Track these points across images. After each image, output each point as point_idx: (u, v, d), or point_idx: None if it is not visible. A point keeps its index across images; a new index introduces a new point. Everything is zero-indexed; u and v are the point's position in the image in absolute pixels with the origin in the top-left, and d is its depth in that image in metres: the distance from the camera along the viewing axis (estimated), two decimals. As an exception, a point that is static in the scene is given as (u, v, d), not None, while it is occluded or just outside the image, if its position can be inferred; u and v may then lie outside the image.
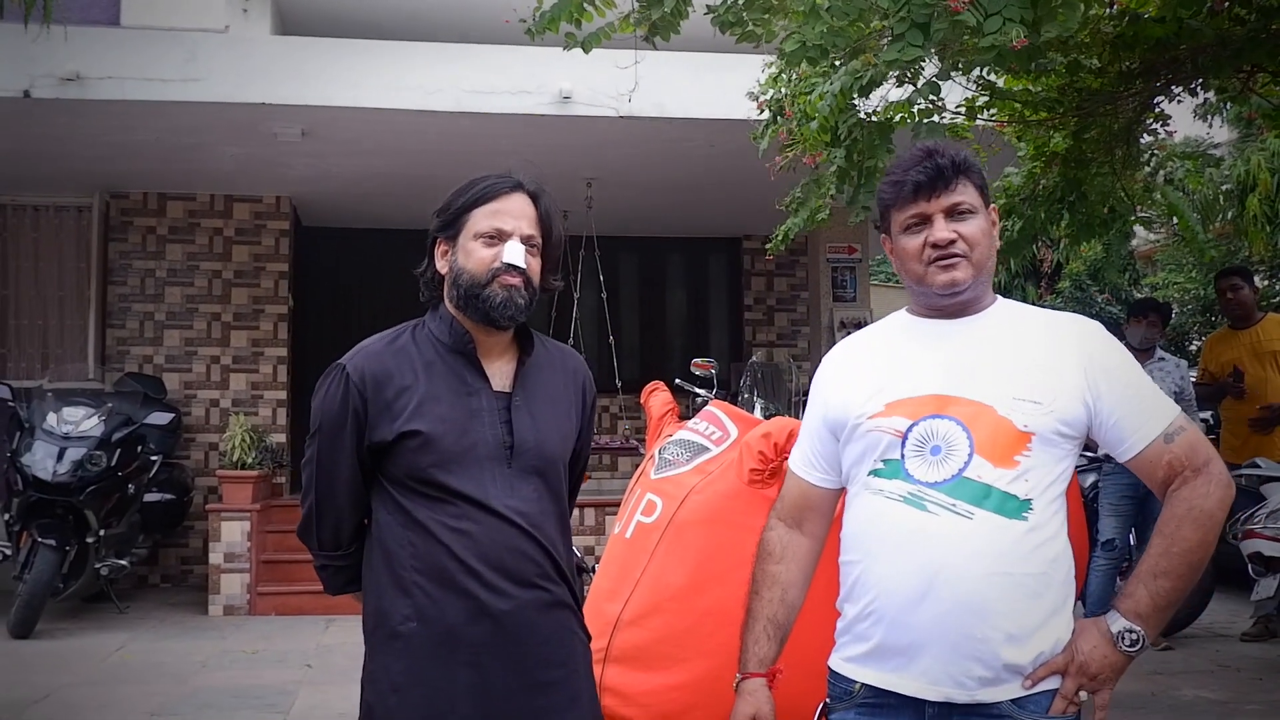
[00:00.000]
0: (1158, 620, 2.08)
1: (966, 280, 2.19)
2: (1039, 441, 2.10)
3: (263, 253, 10.24)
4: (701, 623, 3.34)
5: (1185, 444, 2.13)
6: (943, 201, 2.19)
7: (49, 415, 7.81)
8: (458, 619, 2.30)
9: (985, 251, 2.21)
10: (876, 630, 2.15)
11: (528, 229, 2.42)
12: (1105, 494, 6.94)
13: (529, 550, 2.36)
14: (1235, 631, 7.41)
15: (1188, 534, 2.07)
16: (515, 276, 2.37)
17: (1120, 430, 2.14)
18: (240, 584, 8.57)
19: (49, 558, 7.40)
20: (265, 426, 9.85)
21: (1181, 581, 2.07)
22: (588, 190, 9.60)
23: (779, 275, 12.10)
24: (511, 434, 2.39)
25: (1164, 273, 17.57)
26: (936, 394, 2.17)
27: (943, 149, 2.22)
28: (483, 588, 2.30)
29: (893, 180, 2.25)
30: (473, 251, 2.39)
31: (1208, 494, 2.09)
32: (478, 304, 2.37)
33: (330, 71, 7.78)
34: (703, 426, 3.78)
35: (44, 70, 7.33)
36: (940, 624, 2.06)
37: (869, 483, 2.21)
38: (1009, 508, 2.07)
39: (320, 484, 2.43)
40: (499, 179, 2.44)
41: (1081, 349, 2.18)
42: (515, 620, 2.33)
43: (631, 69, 6.00)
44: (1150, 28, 4.84)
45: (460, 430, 2.35)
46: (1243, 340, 7.46)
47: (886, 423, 2.19)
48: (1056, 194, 6.43)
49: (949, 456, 2.11)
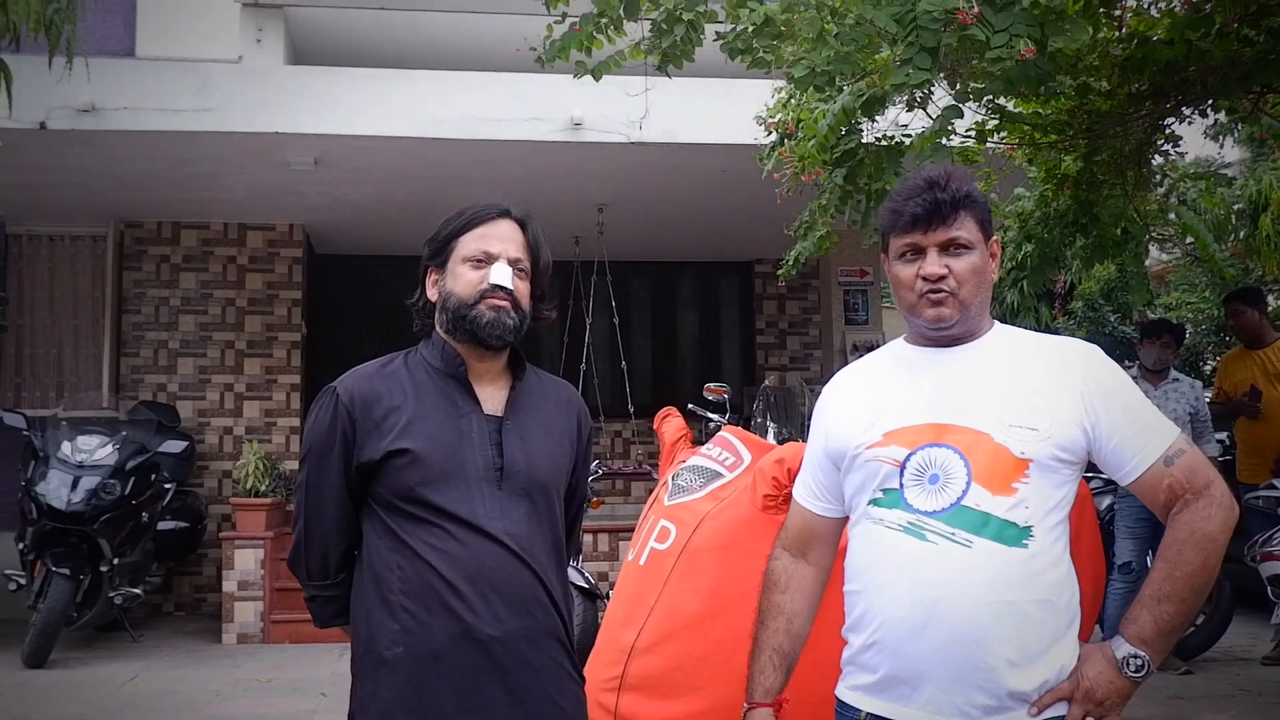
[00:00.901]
0: (1163, 645, 2.07)
1: (952, 317, 2.20)
2: (1037, 468, 2.10)
3: (276, 280, 10.28)
4: (717, 649, 3.33)
5: (1185, 466, 2.12)
6: (938, 236, 2.20)
7: (63, 444, 7.83)
8: (444, 642, 2.29)
9: (975, 288, 2.21)
10: (881, 660, 2.14)
11: (515, 252, 2.44)
12: (1121, 517, 6.91)
13: (519, 573, 2.35)
14: (1256, 655, 7.36)
15: (1190, 557, 2.07)
16: (502, 298, 2.39)
17: (1120, 454, 2.14)
18: (254, 612, 8.57)
19: (63, 587, 7.40)
20: (278, 454, 9.87)
21: (1185, 605, 2.06)
22: (599, 216, 9.63)
23: (791, 299, 12.09)
24: (501, 455, 2.39)
25: (1177, 292, 17.54)
26: (934, 423, 2.17)
27: (945, 180, 2.21)
28: (469, 610, 2.29)
29: (891, 208, 2.26)
30: (461, 274, 2.42)
31: (1209, 516, 2.08)
32: (466, 324, 2.39)
33: (343, 100, 7.83)
34: (716, 452, 3.78)
35: (60, 102, 7.39)
36: (942, 653, 2.06)
37: (869, 512, 2.21)
38: (1008, 535, 2.07)
39: (309, 508, 2.43)
40: (486, 206, 2.48)
41: (1079, 374, 2.18)
42: (504, 648, 2.31)
43: (642, 96, 6.03)
44: (1159, 50, 4.85)
45: (449, 449, 2.35)
46: (1256, 361, 7.43)
47: (885, 452, 2.19)
48: (1069, 216, 6.43)
49: (947, 485, 2.11)
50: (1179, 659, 6.92)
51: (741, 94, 7.37)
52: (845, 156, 5.30)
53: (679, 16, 4.55)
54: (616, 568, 8.55)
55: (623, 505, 10.85)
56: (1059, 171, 6.22)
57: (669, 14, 4.58)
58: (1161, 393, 6.95)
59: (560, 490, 2.51)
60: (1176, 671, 6.81)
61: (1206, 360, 16.32)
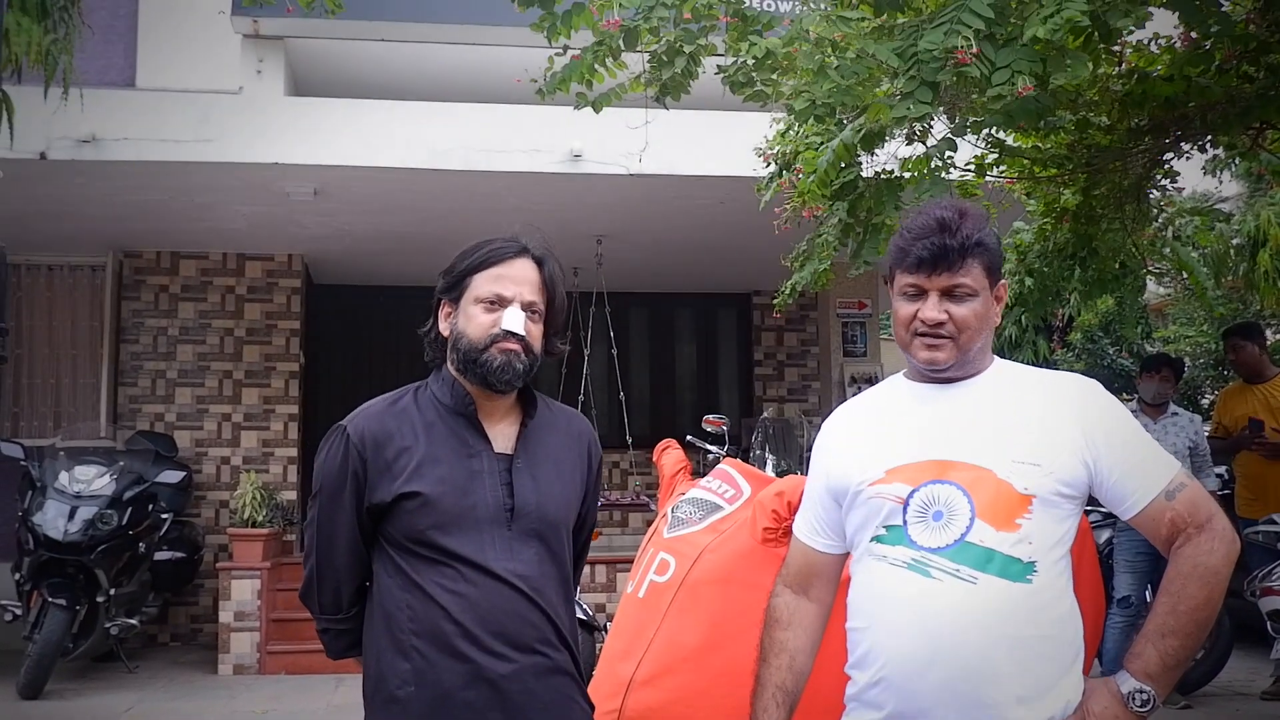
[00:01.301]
0: (1167, 679, 2.07)
1: (948, 361, 2.20)
2: (1040, 503, 2.10)
3: (274, 310, 10.28)
4: (716, 683, 3.31)
5: (1187, 500, 2.12)
6: (941, 281, 2.19)
7: (60, 474, 7.81)
8: (454, 683, 2.27)
9: (975, 334, 2.21)
10: (886, 697, 2.14)
11: (530, 295, 2.41)
12: (1120, 550, 6.89)
13: (528, 614, 2.33)
14: (1255, 689, 7.32)
15: (1194, 591, 2.06)
16: (514, 342, 2.36)
17: (1122, 489, 2.14)
18: (250, 643, 8.52)
19: (59, 617, 7.37)
20: (276, 484, 9.84)
21: (1189, 640, 2.06)
22: (598, 247, 9.65)
23: (789, 330, 12.10)
24: (512, 496, 2.37)
25: (1175, 326, 17.55)
26: (936, 459, 2.17)
27: (955, 223, 2.20)
28: (480, 651, 2.28)
29: (899, 246, 2.26)
30: (473, 316, 2.39)
31: (1212, 550, 2.08)
32: (476, 368, 2.37)
33: (343, 131, 7.85)
34: (715, 485, 3.76)
35: (60, 132, 7.41)
36: (948, 689, 2.05)
37: (872, 549, 2.20)
38: (1013, 571, 2.07)
39: (321, 546, 2.41)
40: (504, 243, 2.44)
41: (1080, 409, 2.18)
42: (513, 685, 2.29)
43: (642, 128, 6.05)
44: (1159, 86, 4.87)
45: (460, 492, 2.33)
46: (1256, 395, 7.42)
47: (888, 489, 2.19)
48: (1068, 250, 6.45)
49: (950, 522, 2.11)
50: (1179, 694, 6.88)
51: (740, 127, 7.40)
52: (845, 189, 5.31)
53: (679, 49, 4.57)
54: (614, 599, 8.51)
55: (620, 536, 10.82)
56: (1058, 205, 6.23)
57: (669, 46, 4.60)
58: (1160, 427, 6.94)
59: (570, 525, 2.50)
60: (1176, 706, 6.78)
61: (1205, 394, 16.31)
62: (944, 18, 3.57)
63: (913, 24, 3.87)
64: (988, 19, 3.53)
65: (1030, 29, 3.47)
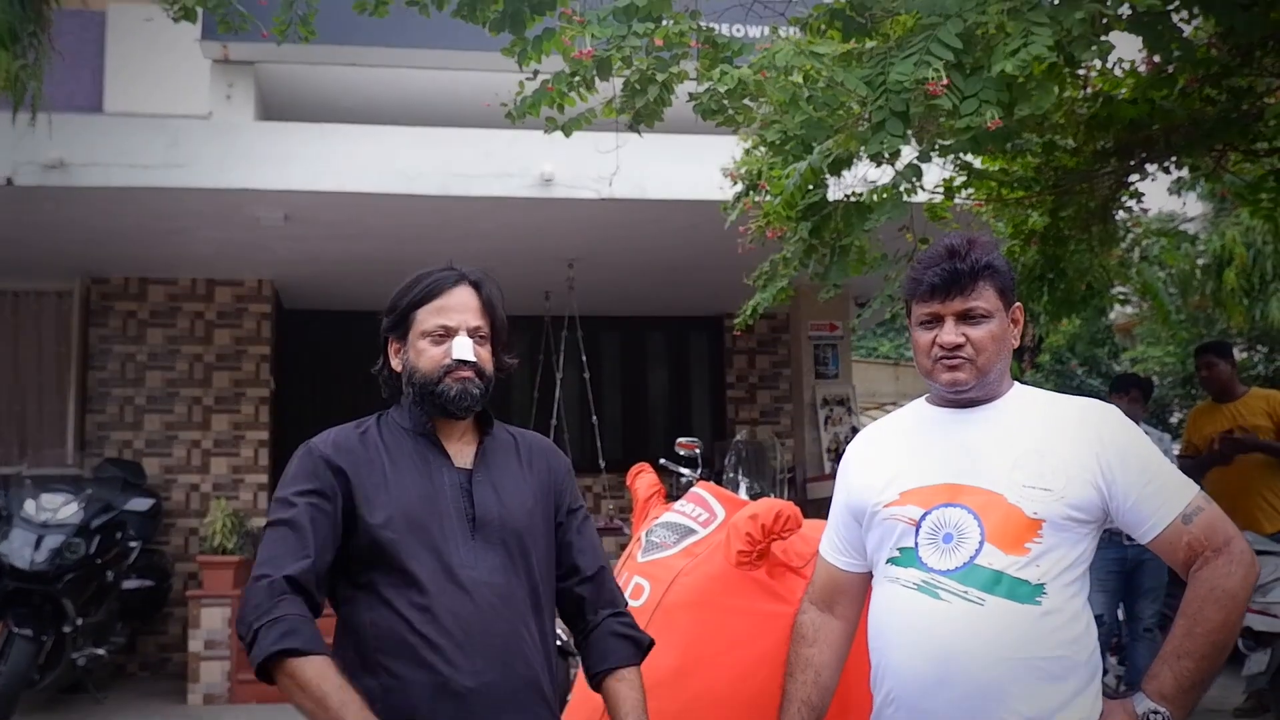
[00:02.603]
0: (1184, 701, 2.09)
1: (969, 382, 2.23)
2: (1050, 527, 2.12)
3: (244, 336, 10.23)
4: (691, 707, 3.30)
5: (1204, 524, 2.15)
6: (955, 305, 2.24)
7: (27, 502, 7.72)
8: (423, 698, 2.27)
9: (994, 355, 2.25)
10: (899, 716, 2.19)
11: (474, 320, 2.46)
12: (1092, 569, 6.91)
13: (494, 623, 2.33)
14: (1228, 707, 7.36)
15: (1211, 614, 2.09)
16: (466, 370, 2.42)
17: (1138, 513, 2.17)
18: (220, 672, 8.45)
19: (25, 648, 7.27)
20: (246, 510, 9.76)
21: (1206, 662, 2.09)
22: (570, 271, 9.64)
23: (761, 353, 12.12)
24: (473, 505, 2.40)
25: (1142, 346, 17.71)
26: (949, 483, 2.20)
27: (965, 250, 2.26)
28: (445, 662, 2.27)
29: (912, 276, 2.32)
30: (423, 350, 2.44)
31: (1229, 574, 2.10)
32: (434, 399, 2.42)
33: (313, 156, 7.84)
34: (689, 508, 3.76)
35: (27, 157, 7.36)
36: (956, 710, 2.08)
37: (886, 570, 2.25)
38: (1021, 593, 2.09)
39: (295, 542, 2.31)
40: (439, 275, 2.49)
41: (1094, 434, 2.21)
42: (482, 702, 2.28)
43: (613, 153, 6.07)
44: (1124, 108, 4.94)
45: (423, 504, 2.37)
46: (1225, 414, 7.46)
47: (901, 511, 2.23)
48: (1035, 271, 6.49)
49: (960, 544, 2.14)
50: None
51: (711, 150, 7.43)
52: (810, 210, 5.35)
53: (651, 77, 4.59)
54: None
55: (594, 561, 10.77)
56: (1026, 227, 6.29)
57: (641, 74, 4.63)
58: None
59: (539, 537, 2.49)
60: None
61: (1173, 413, 16.45)
62: (913, 49, 3.60)
63: (881, 51, 3.90)
64: (956, 50, 3.56)
65: (998, 63, 3.51)
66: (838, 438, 10.34)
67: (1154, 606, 6.78)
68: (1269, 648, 6.29)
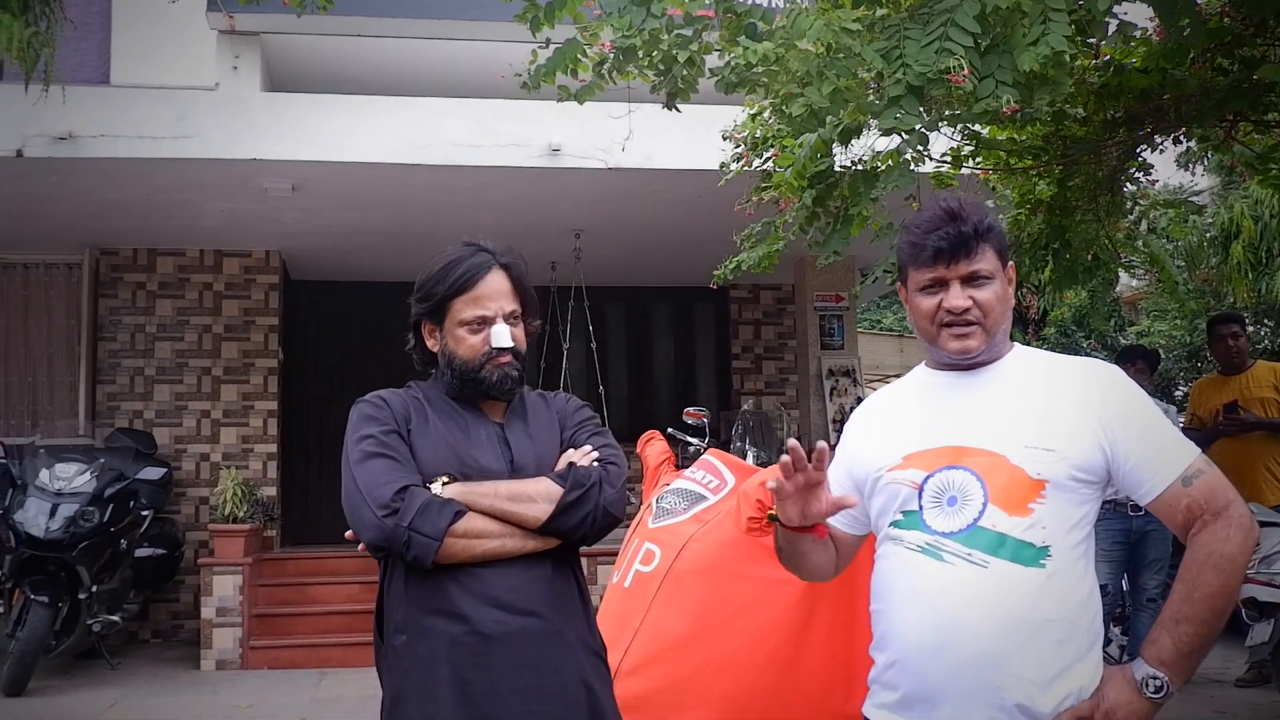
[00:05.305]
0: (1182, 666, 2.07)
1: (979, 348, 2.22)
2: (1054, 488, 2.11)
3: (252, 307, 10.26)
4: (702, 671, 3.35)
5: (1204, 487, 2.13)
6: (961, 269, 2.22)
7: (41, 472, 7.78)
8: (445, 629, 2.35)
9: (999, 316, 2.24)
10: (901, 678, 2.17)
11: (509, 305, 2.53)
12: (1096, 539, 6.87)
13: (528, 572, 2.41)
14: (1230, 677, 7.40)
15: (1208, 579, 2.07)
16: (505, 355, 2.50)
17: (1139, 474, 2.15)
18: (232, 638, 8.52)
19: (41, 615, 7.35)
20: (256, 480, 9.82)
21: (1205, 627, 2.07)
22: (576, 241, 9.67)
23: (766, 324, 12.14)
24: (511, 450, 2.50)
25: (1148, 320, 17.67)
26: (952, 445, 2.20)
27: (966, 213, 2.23)
28: (480, 606, 2.35)
29: (911, 241, 2.28)
30: (462, 339, 2.51)
31: (1228, 538, 2.08)
32: (476, 385, 2.51)
33: (320, 127, 7.84)
34: (700, 475, 3.80)
35: (36, 130, 7.38)
36: (959, 672, 2.07)
37: (890, 533, 2.25)
38: (1025, 555, 2.09)
39: (393, 470, 2.39)
40: (471, 262, 2.52)
41: (1097, 394, 2.19)
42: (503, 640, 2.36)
43: (623, 119, 6.06)
44: (1135, 78, 4.92)
45: (467, 453, 2.46)
46: (1233, 386, 7.47)
47: (904, 475, 2.22)
48: (1041, 241, 6.48)
49: (964, 506, 2.13)
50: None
51: (718, 120, 7.43)
52: (816, 178, 5.34)
53: (674, 57, 4.57)
54: (595, 592, 8.53)
55: (601, 530, 10.83)
56: (1032, 196, 6.28)
57: (665, 55, 4.61)
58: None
59: None
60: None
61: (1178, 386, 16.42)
62: (932, 34, 3.58)
63: (894, 21, 3.89)
64: (974, 33, 3.54)
65: (1018, 53, 3.49)
66: (843, 409, 10.36)
67: (1158, 577, 6.81)
68: (1272, 619, 6.32)
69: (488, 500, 2.36)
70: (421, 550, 2.30)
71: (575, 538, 2.44)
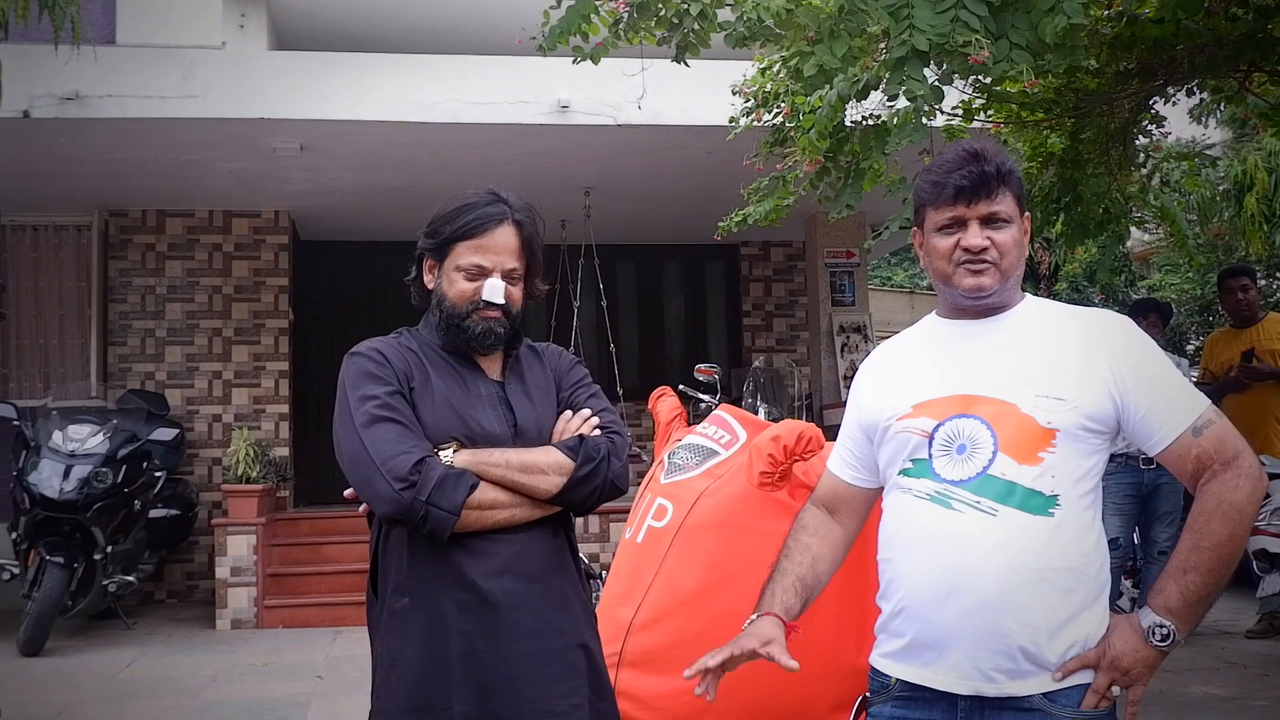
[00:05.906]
0: (1189, 615, 2.08)
1: (993, 286, 2.20)
2: (1064, 437, 2.11)
3: (262, 267, 10.27)
4: (714, 625, 3.34)
5: (1214, 437, 2.12)
6: (980, 209, 2.20)
7: (54, 434, 7.82)
8: (453, 596, 2.36)
9: (1015, 260, 2.22)
10: (908, 626, 2.17)
11: (510, 263, 2.49)
12: (1108, 493, 6.89)
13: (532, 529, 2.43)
14: (1240, 628, 7.43)
15: (1217, 528, 2.07)
16: (494, 310, 2.47)
17: (1148, 424, 2.14)
18: (247, 598, 8.58)
19: (57, 575, 7.41)
20: (268, 440, 9.87)
21: (1212, 576, 2.07)
22: (586, 199, 9.64)
23: (777, 280, 12.12)
24: (513, 412, 2.49)
25: (1160, 274, 17.61)
26: (962, 394, 2.19)
27: (989, 153, 2.21)
28: (481, 574, 2.36)
29: (933, 180, 2.25)
30: (455, 281, 2.48)
31: (1237, 488, 2.08)
32: (459, 332, 2.48)
33: (328, 86, 7.82)
34: (712, 430, 3.80)
35: (43, 90, 7.37)
36: (966, 620, 2.08)
37: (899, 482, 2.24)
38: (1034, 504, 2.08)
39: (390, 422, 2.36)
40: (485, 210, 2.49)
41: (1109, 344, 2.18)
42: (510, 608, 2.37)
43: (638, 76, 6.03)
44: (1148, 28, 4.87)
45: (468, 413, 2.44)
46: (1244, 339, 7.47)
47: (914, 423, 2.22)
48: (1052, 195, 6.45)
49: (974, 455, 2.13)
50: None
51: (728, 76, 7.38)
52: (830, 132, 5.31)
53: (686, 10, 4.54)
54: (608, 549, 8.58)
55: (613, 487, 10.85)
56: (1044, 149, 6.24)
57: (677, 9, 4.58)
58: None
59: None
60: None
61: (1190, 340, 16.40)
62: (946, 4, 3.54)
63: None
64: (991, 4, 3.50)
65: (1036, 19, 3.45)
66: (854, 365, 10.35)
67: (1169, 530, 6.82)
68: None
69: (500, 471, 2.35)
70: (439, 524, 2.29)
71: (581, 509, 2.48)
